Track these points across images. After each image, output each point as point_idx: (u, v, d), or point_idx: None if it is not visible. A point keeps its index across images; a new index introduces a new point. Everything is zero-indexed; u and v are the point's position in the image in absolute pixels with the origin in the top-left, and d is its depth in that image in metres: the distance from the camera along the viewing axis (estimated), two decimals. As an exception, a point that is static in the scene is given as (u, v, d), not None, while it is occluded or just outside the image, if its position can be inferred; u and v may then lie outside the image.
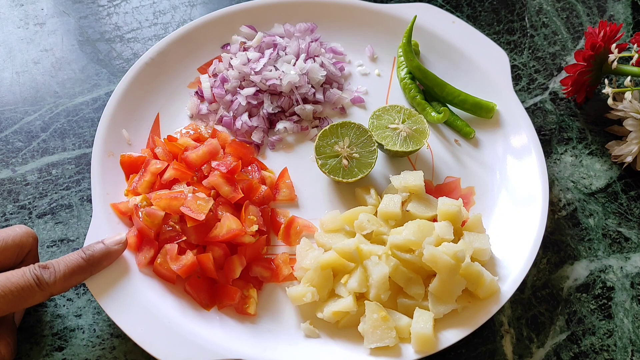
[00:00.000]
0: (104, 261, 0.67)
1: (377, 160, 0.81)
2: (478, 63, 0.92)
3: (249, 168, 0.81)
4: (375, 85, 0.95)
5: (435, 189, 0.85)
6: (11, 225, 0.80)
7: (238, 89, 0.89)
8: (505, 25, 1.05)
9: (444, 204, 0.76)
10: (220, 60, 0.93)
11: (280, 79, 0.88)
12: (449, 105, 0.91)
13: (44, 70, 0.96)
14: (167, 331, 0.68)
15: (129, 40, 1.00)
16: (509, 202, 0.82)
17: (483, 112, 0.89)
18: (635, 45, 0.88)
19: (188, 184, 0.76)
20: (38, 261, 0.67)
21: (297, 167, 0.86)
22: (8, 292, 0.59)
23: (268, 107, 0.88)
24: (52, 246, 0.79)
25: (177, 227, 0.73)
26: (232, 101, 0.89)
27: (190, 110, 0.89)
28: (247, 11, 0.96)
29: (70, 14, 1.03)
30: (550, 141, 0.92)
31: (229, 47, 0.95)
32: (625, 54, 0.88)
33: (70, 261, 0.64)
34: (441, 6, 1.06)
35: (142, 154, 0.81)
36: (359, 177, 0.80)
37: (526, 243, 0.76)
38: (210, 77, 0.92)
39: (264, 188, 0.79)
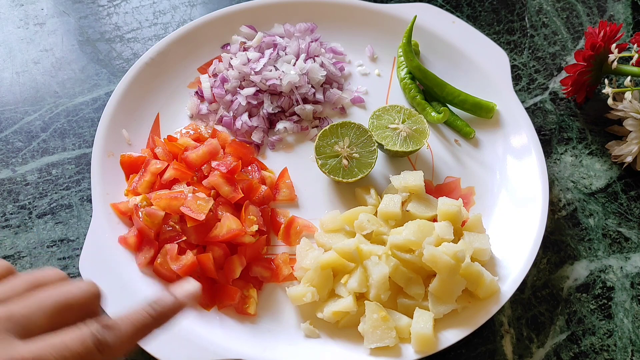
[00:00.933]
0: (170, 315, 0.56)
1: (377, 160, 0.81)
2: (478, 63, 0.92)
3: (249, 168, 0.81)
4: (375, 85, 0.95)
5: (435, 189, 0.85)
6: (11, 224, 0.80)
7: (238, 89, 0.89)
8: (505, 25, 1.05)
9: (444, 204, 0.76)
10: (220, 60, 0.93)
11: (280, 79, 0.88)
12: (449, 105, 0.91)
13: (44, 70, 0.96)
14: (167, 331, 0.68)
15: (129, 40, 1.00)
16: (509, 202, 0.82)
17: (483, 112, 0.89)
18: (635, 45, 0.88)
19: (188, 184, 0.76)
20: (99, 315, 0.56)
21: (297, 167, 0.86)
22: (64, 356, 0.49)
23: (268, 107, 0.88)
24: (52, 246, 0.79)
25: (177, 227, 0.73)
26: (232, 101, 0.89)
27: (190, 110, 0.89)
28: (247, 11, 0.96)
29: (70, 14, 1.03)
30: (550, 141, 0.92)
31: (229, 47, 0.95)
32: (625, 54, 0.88)
33: (137, 319, 0.54)
34: (441, 6, 1.06)
35: (142, 154, 0.81)
36: (359, 177, 0.80)
37: (526, 243, 0.76)
38: (210, 77, 0.92)
39: (264, 188, 0.79)
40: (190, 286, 0.56)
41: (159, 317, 0.55)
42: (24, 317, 0.51)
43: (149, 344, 0.66)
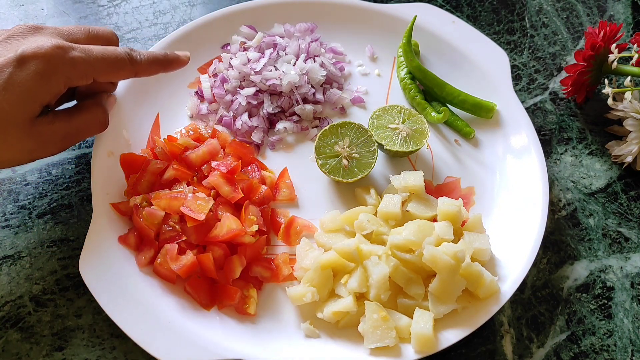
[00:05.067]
0: (174, 64, 0.79)
1: (377, 160, 0.81)
2: (478, 63, 0.92)
3: (249, 168, 0.81)
4: (375, 85, 0.95)
5: (435, 189, 0.85)
6: (11, 224, 0.80)
7: (238, 89, 0.89)
8: (505, 25, 1.05)
9: (444, 204, 0.76)
10: (220, 60, 0.93)
11: (280, 79, 0.88)
12: (449, 105, 0.91)
13: (44, 70, 0.96)
14: (167, 331, 0.68)
15: (129, 40, 1.00)
16: (509, 202, 0.82)
17: (483, 112, 0.89)
18: (635, 45, 0.88)
19: (188, 184, 0.76)
20: None
21: (297, 167, 0.86)
22: (107, 57, 0.68)
23: (268, 107, 0.88)
24: (52, 246, 0.79)
25: (177, 227, 0.73)
26: (232, 101, 0.89)
27: (190, 110, 0.89)
28: (247, 11, 0.96)
29: (70, 14, 1.03)
30: (550, 141, 0.92)
31: (229, 47, 0.95)
32: (625, 54, 0.88)
33: (152, 52, 0.76)
34: (441, 6, 1.06)
35: (142, 154, 0.81)
36: (359, 177, 0.80)
37: (526, 243, 0.76)
38: (210, 77, 0.92)
39: (264, 188, 0.79)
40: (186, 52, 0.81)
41: (167, 57, 0.78)
42: (69, 31, 0.70)
43: (149, 344, 0.66)
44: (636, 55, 0.88)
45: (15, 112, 0.62)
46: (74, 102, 0.76)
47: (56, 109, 0.70)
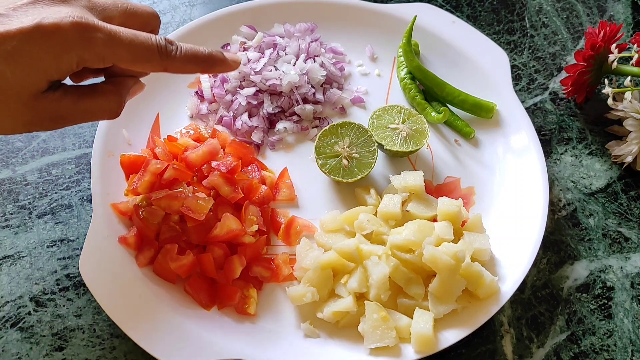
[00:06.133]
0: (218, 66, 0.68)
1: (377, 160, 0.81)
2: (478, 63, 0.92)
3: (249, 168, 0.81)
4: (375, 85, 0.95)
5: (435, 189, 0.85)
6: (11, 224, 0.80)
7: (238, 89, 0.89)
8: (505, 25, 1.05)
9: (444, 204, 0.76)
10: (220, 60, 0.93)
11: (280, 79, 0.88)
12: (449, 105, 0.91)
13: (44, 70, 0.96)
14: (167, 331, 0.68)
15: (129, 40, 1.00)
16: (509, 202, 0.82)
17: (483, 112, 0.89)
18: (635, 45, 0.88)
19: (188, 184, 0.76)
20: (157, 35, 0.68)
21: (297, 167, 0.86)
22: (133, 45, 0.60)
23: (268, 107, 0.88)
24: (52, 246, 0.79)
25: (177, 227, 0.73)
26: (232, 101, 0.89)
27: (190, 110, 0.89)
28: (247, 11, 0.96)
29: (70, 14, 1.03)
30: (550, 141, 0.92)
31: (229, 47, 0.95)
32: (625, 54, 0.88)
33: (195, 48, 0.67)
34: (441, 6, 1.06)
35: (142, 154, 0.81)
36: (359, 177, 0.80)
37: (526, 243, 0.76)
38: (210, 77, 0.92)
39: (264, 188, 0.79)
40: (238, 56, 0.71)
41: (211, 56, 0.67)
42: (103, 5, 0.63)
43: (149, 344, 0.66)
44: (636, 55, 0.88)
45: (19, 83, 0.57)
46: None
47: (68, 85, 0.64)
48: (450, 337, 0.69)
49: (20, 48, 0.56)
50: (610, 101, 0.87)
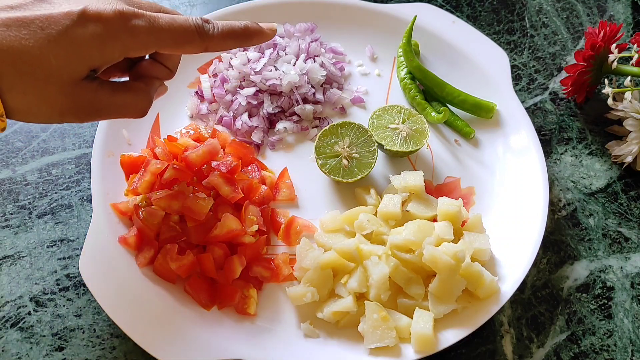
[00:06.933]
0: (256, 37, 0.67)
1: (377, 160, 0.81)
2: (478, 63, 0.92)
3: (249, 168, 0.81)
4: (375, 85, 0.95)
5: (435, 189, 0.85)
6: (11, 224, 0.80)
7: (238, 89, 0.89)
8: (505, 25, 1.05)
9: (444, 204, 0.76)
10: (220, 60, 0.93)
11: (280, 79, 0.88)
12: (449, 105, 0.91)
13: (44, 70, 0.96)
14: (167, 331, 0.68)
15: (129, 40, 1.00)
16: (509, 202, 0.82)
17: (483, 112, 0.89)
18: (635, 45, 0.88)
19: (188, 184, 0.76)
20: None
21: (297, 167, 0.86)
22: (173, 29, 0.60)
23: (268, 107, 0.88)
24: (52, 246, 0.79)
25: (177, 227, 0.73)
26: (232, 101, 0.89)
27: (190, 110, 0.89)
28: (247, 11, 0.96)
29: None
30: (550, 141, 0.92)
31: (229, 47, 0.95)
32: (625, 54, 0.88)
33: (230, 23, 0.65)
34: (441, 6, 1.06)
35: (142, 154, 0.81)
36: (359, 177, 0.80)
37: (526, 243, 0.76)
38: (210, 77, 0.92)
39: (264, 188, 0.79)
40: (273, 24, 0.69)
41: (247, 29, 0.66)
42: (137, 3, 0.62)
43: (149, 344, 0.66)
44: (636, 55, 0.88)
45: (62, 68, 0.56)
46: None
47: (103, 80, 0.62)
48: (450, 337, 0.69)
49: (65, 33, 0.55)
50: (610, 101, 0.87)
